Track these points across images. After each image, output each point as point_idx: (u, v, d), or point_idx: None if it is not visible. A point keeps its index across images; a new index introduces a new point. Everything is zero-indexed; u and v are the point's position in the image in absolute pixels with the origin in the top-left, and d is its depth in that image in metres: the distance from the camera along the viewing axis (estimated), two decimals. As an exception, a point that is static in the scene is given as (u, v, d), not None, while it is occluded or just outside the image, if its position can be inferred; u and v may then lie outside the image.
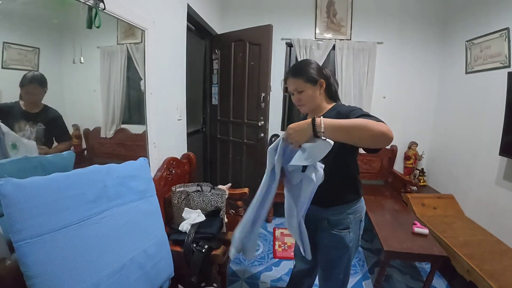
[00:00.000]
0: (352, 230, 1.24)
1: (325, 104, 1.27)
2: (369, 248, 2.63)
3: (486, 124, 2.49)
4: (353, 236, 1.25)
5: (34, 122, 1.23)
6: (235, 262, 2.30)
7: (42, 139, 1.26)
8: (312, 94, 1.22)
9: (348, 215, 1.23)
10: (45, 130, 1.26)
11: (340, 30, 3.30)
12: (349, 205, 1.24)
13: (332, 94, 1.29)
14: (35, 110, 1.26)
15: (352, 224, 1.24)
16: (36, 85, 1.25)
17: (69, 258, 0.87)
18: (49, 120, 1.30)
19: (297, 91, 1.24)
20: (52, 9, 1.13)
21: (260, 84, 2.74)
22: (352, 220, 1.24)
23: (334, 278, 1.34)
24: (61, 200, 0.90)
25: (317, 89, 1.22)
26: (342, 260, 1.29)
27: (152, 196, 1.27)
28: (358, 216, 1.27)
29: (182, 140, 2.36)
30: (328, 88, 1.27)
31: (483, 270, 1.78)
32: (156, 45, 1.74)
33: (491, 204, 2.38)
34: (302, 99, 1.24)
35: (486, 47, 2.52)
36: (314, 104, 1.25)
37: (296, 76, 1.23)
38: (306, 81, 1.21)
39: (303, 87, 1.22)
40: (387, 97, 3.38)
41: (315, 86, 1.22)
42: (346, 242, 1.24)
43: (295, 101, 1.28)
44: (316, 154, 0.93)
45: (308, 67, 1.23)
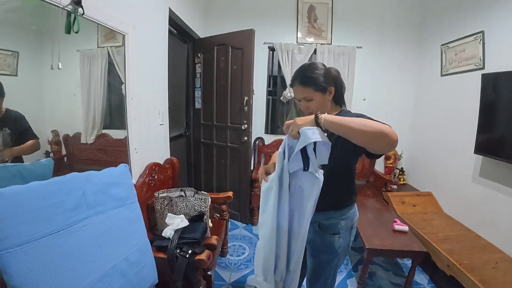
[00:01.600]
0: (342, 236, 1.23)
1: (333, 109, 1.24)
2: (353, 247, 2.68)
3: (461, 124, 2.60)
4: (342, 242, 1.23)
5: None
6: (221, 266, 2.29)
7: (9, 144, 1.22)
8: (322, 102, 1.17)
9: (340, 221, 1.21)
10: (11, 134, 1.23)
11: (321, 34, 3.37)
12: (343, 211, 1.22)
13: (339, 99, 1.25)
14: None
15: (342, 230, 1.22)
16: None
17: (50, 267, 0.86)
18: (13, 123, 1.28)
19: (305, 99, 1.18)
20: (31, 14, 1.12)
21: (243, 88, 2.76)
22: (343, 226, 1.22)
23: (322, 282, 1.33)
24: (41, 209, 0.89)
25: (327, 97, 1.18)
26: (331, 265, 1.28)
27: (133, 202, 1.26)
28: (350, 223, 1.25)
29: (165, 145, 2.34)
30: (336, 93, 1.21)
31: (463, 265, 1.85)
32: (137, 49, 1.72)
33: (469, 200, 2.48)
34: (311, 107, 1.18)
35: (461, 50, 2.64)
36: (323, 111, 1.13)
37: (305, 85, 1.16)
38: (316, 90, 1.15)
39: (312, 96, 1.16)
40: (367, 99, 3.47)
41: (324, 94, 1.17)
42: (335, 247, 1.22)
43: (303, 108, 1.21)
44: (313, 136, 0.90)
45: (318, 75, 1.16)
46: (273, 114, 3.71)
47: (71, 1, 1.14)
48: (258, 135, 3.54)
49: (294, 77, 1.19)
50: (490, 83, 2.21)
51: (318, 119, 0.93)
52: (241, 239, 2.76)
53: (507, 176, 2.12)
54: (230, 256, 2.45)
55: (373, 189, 3.29)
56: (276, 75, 3.59)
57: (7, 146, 1.18)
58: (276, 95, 3.62)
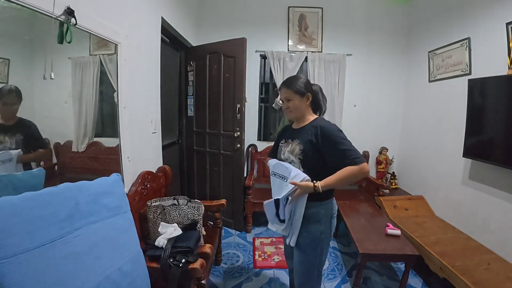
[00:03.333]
0: (323, 223, 1.43)
1: (309, 115, 1.50)
2: (346, 252, 2.70)
3: (450, 128, 2.66)
4: (324, 229, 1.44)
5: (12, 134, 1.20)
6: (215, 274, 2.27)
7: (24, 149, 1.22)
8: (299, 104, 1.45)
9: (320, 210, 1.42)
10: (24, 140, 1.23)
11: (311, 42, 3.43)
12: (321, 202, 1.43)
13: (317, 108, 1.55)
14: (10, 122, 1.23)
15: (322, 218, 1.43)
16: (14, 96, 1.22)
17: (43, 278, 0.85)
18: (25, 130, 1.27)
19: (286, 99, 1.47)
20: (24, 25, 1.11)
21: (236, 96, 2.78)
22: (323, 215, 1.43)
23: (309, 273, 1.49)
24: (34, 220, 0.88)
25: (304, 101, 1.45)
26: (315, 251, 1.45)
27: (126, 212, 1.25)
28: (329, 212, 1.47)
29: (157, 153, 2.33)
30: (314, 102, 1.51)
31: (455, 267, 1.87)
32: (129, 58, 1.73)
33: (459, 203, 2.53)
34: (290, 107, 1.47)
35: (447, 57, 2.72)
36: (299, 113, 1.48)
37: (287, 87, 1.46)
38: (295, 92, 1.44)
39: (291, 97, 1.45)
40: (357, 105, 3.53)
41: (302, 97, 1.45)
42: (317, 233, 1.42)
43: (284, 107, 1.50)
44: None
45: (298, 81, 1.46)
46: (265, 121, 3.74)
47: (64, 11, 1.15)
48: (251, 142, 3.55)
49: (282, 82, 1.51)
50: (476, 88, 2.27)
51: (315, 187, 1.30)
52: (235, 246, 2.74)
53: (495, 178, 2.17)
54: (224, 264, 2.43)
55: (365, 194, 3.32)
56: (268, 82, 3.63)
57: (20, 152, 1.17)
58: (268, 102, 3.65)
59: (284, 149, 1.49)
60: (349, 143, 1.32)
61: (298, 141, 1.42)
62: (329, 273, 2.35)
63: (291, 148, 1.45)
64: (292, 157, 1.42)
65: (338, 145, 1.30)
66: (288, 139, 1.51)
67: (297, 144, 1.42)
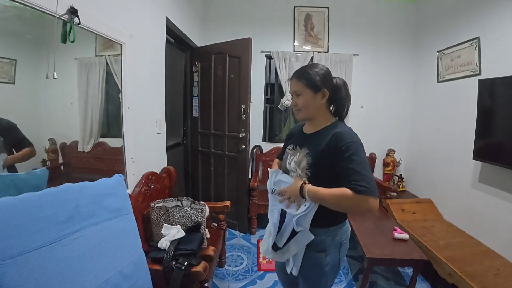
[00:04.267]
0: (329, 253, 1.17)
1: (325, 118, 1.18)
2: (352, 256, 2.65)
3: (460, 130, 2.60)
4: (330, 259, 1.17)
5: None
6: (219, 276, 2.25)
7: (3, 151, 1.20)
8: (310, 101, 1.14)
9: (326, 238, 1.16)
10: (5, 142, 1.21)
11: (317, 42, 3.40)
12: (329, 229, 1.16)
13: (337, 110, 1.20)
14: None
15: (329, 247, 1.17)
16: None
17: (42, 281, 0.85)
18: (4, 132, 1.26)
19: (296, 93, 1.17)
20: (28, 24, 1.11)
21: (241, 96, 2.76)
22: (330, 243, 1.16)
23: None
24: (33, 221, 0.87)
25: (318, 98, 1.13)
26: (319, 283, 1.21)
27: (128, 213, 1.24)
28: (338, 239, 1.18)
29: (162, 154, 2.32)
30: (333, 101, 1.18)
31: (464, 272, 1.82)
32: (134, 58, 1.72)
33: (469, 206, 2.47)
34: (299, 104, 1.16)
35: (456, 57, 2.66)
36: (311, 113, 1.17)
37: (298, 78, 1.15)
38: (307, 85, 1.13)
39: (302, 91, 1.14)
40: (364, 106, 3.48)
41: (316, 93, 1.13)
42: (322, 264, 1.17)
43: (292, 104, 1.20)
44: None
45: (315, 73, 1.13)
46: (270, 122, 3.71)
47: (67, 10, 1.14)
48: (256, 143, 3.53)
49: (295, 71, 1.19)
50: (486, 89, 2.22)
51: (302, 189, 1.04)
52: (239, 249, 2.72)
53: (506, 181, 2.11)
54: (228, 266, 2.41)
55: (372, 197, 3.26)
56: (274, 83, 3.60)
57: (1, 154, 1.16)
58: (273, 103, 3.62)
59: (291, 158, 1.22)
60: (366, 163, 1.01)
61: (306, 151, 1.14)
62: (334, 277, 2.31)
63: (298, 158, 1.16)
64: (299, 170, 1.14)
65: (353, 162, 0.99)
66: (297, 145, 1.22)
67: (305, 155, 1.14)
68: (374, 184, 0.97)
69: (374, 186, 0.96)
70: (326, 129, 1.14)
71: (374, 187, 0.96)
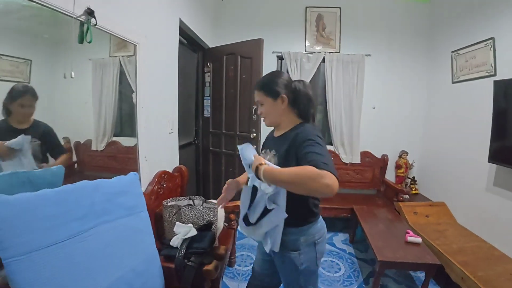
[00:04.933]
0: (304, 252, 1.17)
1: (290, 121, 1.22)
2: (363, 259, 2.62)
3: (474, 132, 2.54)
4: (304, 258, 1.18)
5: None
6: (229, 276, 2.26)
7: (40, 156, 1.21)
8: (271, 108, 1.20)
9: (299, 237, 1.17)
10: (41, 145, 1.22)
11: (329, 43, 3.37)
12: (300, 228, 1.18)
13: (300, 113, 1.23)
14: (24, 125, 1.22)
15: (303, 246, 1.17)
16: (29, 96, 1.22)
17: (56, 277, 0.85)
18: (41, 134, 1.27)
19: (259, 103, 1.24)
20: (45, 24, 1.14)
21: (252, 97, 2.76)
22: (303, 243, 1.17)
23: None
24: (49, 218, 0.88)
25: (278, 104, 1.19)
26: (297, 282, 1.22)
27: (142, 211, 1.25)
28: (311, 238, 1.19)
29: (174, 153, 2.35)
30: (294, 105, 1.21)
31: (477, 277, 1.78)
32: (148, 59, 1.75)
33: (483, 210, 2.41)
34: (263, 112, 1.24)
35: (471, 57, 2.60)
36: (274, 118, 1.23)
37: (258, 89, 1.22)
38: (267, 94, 1.20)
39: (263, 100, 1.21)
40: (376, 107, 3.43)
41: (275, 100, 1.19)
42: (297, 264, 1.17)
43: (258, 113, 1.27)
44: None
45: (272, 81, 1.20)
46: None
47: (84, 11, 1.17)
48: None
49: (256, 82, 1.26)
50: (502, 90, 2.16)
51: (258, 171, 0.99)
52: (249, 248, 2.72)
53: (523, 185, 2.05)
54: (238, 266, 2.41)
55: (383, 199, 3.22)
56: (285, 83, 3.59)
57: (37, 158, 1.19)
58: (284, 104, 3.61)
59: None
60: (324, 149, 1.02)
61: (274, 153, 1.18)
62: (345, 279, 2.29)
63: (267, 160, 1.14)
64: None
65: (308, 147, 1.01)
66: (267, 148, 1.26)
67: (273, 156, 1.18)
68: (333, 166, 0.95)
69: (334, 168, 0.93)
70: (290, 131, 1.18)
71: (334, 169, 0.93)
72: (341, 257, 2.64)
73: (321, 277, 2.31)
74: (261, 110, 1.24)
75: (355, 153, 3.37)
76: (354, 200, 3.14)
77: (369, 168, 3.42)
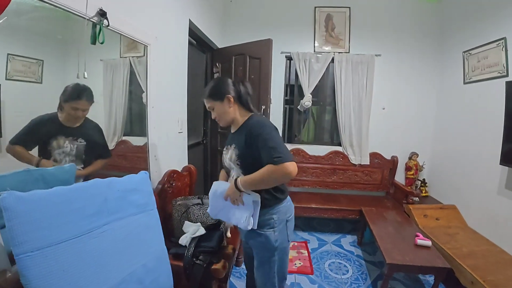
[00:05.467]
0: (278, 229, 1.33)
1: (241, 115, 1.39)
2: (372, 261, 2.60)
3: (486, 133, 2.50)
4: (279, 235, 1.34)
5: (74, 138, 1.22)
6: (236, 276, 2.27)
7: (83, 157, 1.23)
8: (221, 110, 1.35)
9: (272, 215, 1.33)
10: (86, 146, 1.24)
11: (338, 43, 3.35)
12: (272, 207, 1.33)
13: (245, 105, 1.40)
14: (73, 124, 1.24)
15: (276, 224, 1.33)
16: (84, 101, 1.25)
17: (69, 272, 0.86)
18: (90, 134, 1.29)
19: (211, 109, 1.39)
20: (57, 25, 1.15)
21: (261, 97, 2.77)
22: (276, 220, 1.33)
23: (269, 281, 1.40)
24: (63, 214, 0.89)
25: (225, 105, 1.34)
26: (272, 261, 1.36)
27: (152, 209, 1.27)
28: (283, 216, 1.36)
29: (183, 152, 2.37)
30: (240, 101, 1.38)
31: (487, 281, 1.76)
32: (158, 59, 1.77)
33: (494, 214, 2.37)
34: (216, 116, 1.38)
35: (483, 57, 2.56)
36: (228, 118, 1.37)
37: (207, 96, 1.37)
38: (214, 99, 1.35)
39: (213, 105, 1.36)
40: (386, 108, 3.40)
41: (222, 102, 1.34)
42: (272, 241, 1.33)
43: (213, 117, 1.41)
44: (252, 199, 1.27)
45: (216, 87, 1.36)
46: (290, 123, 3.70)
47: (96, 12, 1.19)
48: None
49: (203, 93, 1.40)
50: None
51: (236, 183, 1.24)
52: (257, 248, 2.72)
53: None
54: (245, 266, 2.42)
55: (393, 201, 3.19)
56: (293, 84, 3.59)
57: (79, 158, 1.21)
58: (293, 104, 3.61)
59: (225, 157, 1.42)
60: (276, 139, 1.21)
61: (234, 146, 1.35)
62: (352, 282, 2.27)
63: (229, 155, 1.37)
64: (232, 164, 1.35)
65: (266, 141, 1.20)
66: (228, 145, 1.43)
67: (233, 149, 1.35)
68: (287, 151, 1.19)
69: (287, 153, 1.17)
70: (244, 124, 1.36)
71: (287, 153, 1.17)
72: (349, 259, 2.62)
73: (328, 279, 2.30)
74: (214, 114, 1.39)
75: (364, 154, 3.34)
76: (363, 201, 3.11)
77: (378, 170, 3.39)
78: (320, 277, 2.33)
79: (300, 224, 3.32)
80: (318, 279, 2.30)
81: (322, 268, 2.46)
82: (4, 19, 0.86)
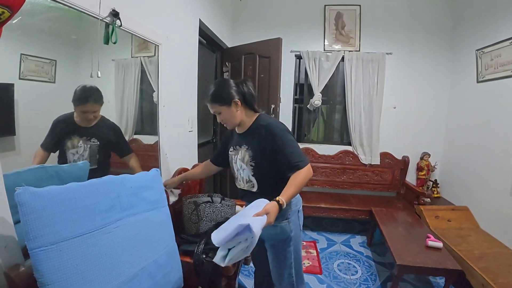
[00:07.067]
0: (291, 220, 1.38)
1: (249, 117, 1.40)
2: (381, 262, 2.57)
3: (499, 133, 2.45)
4: (293, 226, 1.39)
5: (88, 138, 1.25)
6: (244, 274, 2.28)
7: (96, 156, 1.26)
8: (229, 114, 1.35)
9: (287, 208, 1.30)
10: (99, 146, 1.27)
11: (348, 41, 3.33)
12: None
13: (251, 106, 1.40)
14: (90, 124, 1.27)
15: (290, 215, 1.38)
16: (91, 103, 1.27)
17: (82, 267, 0.88)
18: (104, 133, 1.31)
19: (217, 113, 1.38)
20: (70, 25, 1.17)
21: (270, 96, 2.77)
22: (289, 211, 1.37)
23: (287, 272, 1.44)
24: (77, 209, 0.91)
25: (233, 108, 1.34)
26: (288, 250, 1.40)
27: (163, 206, 1.29)
28: (295, 207, 1.41)
29: (193, 151, 2.39)
30: (246, 103, 1.38)
31: (498, 284, 1.73)
32: (169, 59, 1.79)
33: (507, 215, 2.32)
34: (223, 120, 1.39)
35: (496, 56, 2.50)
36: (235, 121, 1.38)
37: (212, 102, 1.36)
38: (221, 104, 1.34)
39: (220, 110, 1.35)
40: (397, 107, 3.36)
41: (230, 106, 1.34)
42: (287, 231, 1.38)
43: (219, 121, 1.41)
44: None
45: (219, 90, 1.34)
46: (299, 122, 3.69)
47: (109, 13, 1.21)
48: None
49: (207, 95, 1.38)
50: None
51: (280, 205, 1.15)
52: (265, 247, 2.73)
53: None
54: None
55: (403, 202, 3.15)
56: (303, 83, 3.58)
57: (93, 158, 1.25)
58: (302, 103, 3.60)
59: (235, 157, 1.42)
60: (292, 142, 1.28)
61: (246, 147, 1.36)
62: (362, 282, 2.26)
63: (241, 155, 1.37)
64: (244, 165, 1.36)
65: (285, 147, 1.25)
66: (236, 146, 1.43)
67: (245, 150, 1.36)
68: (302, 153, 1.27)
69: (304, 155, 1.27)
70: (254, 125, 1.37)
71: (304, 155, 1.27)
72: (358, 260, 2.60)
73: (338, 279, 2.29)
74: (221, 118, 1.39)
75: (375, 154, 3.31)
76: (373, 202, 3.08)
77: (388, 170, 3.35)
78: (329, 277, 2.33)
79: (309, 223, 3.32)
80: (327, 279, 2.30)
81: (331, 268, 2.45)
82: (18, 19, 0.87)
